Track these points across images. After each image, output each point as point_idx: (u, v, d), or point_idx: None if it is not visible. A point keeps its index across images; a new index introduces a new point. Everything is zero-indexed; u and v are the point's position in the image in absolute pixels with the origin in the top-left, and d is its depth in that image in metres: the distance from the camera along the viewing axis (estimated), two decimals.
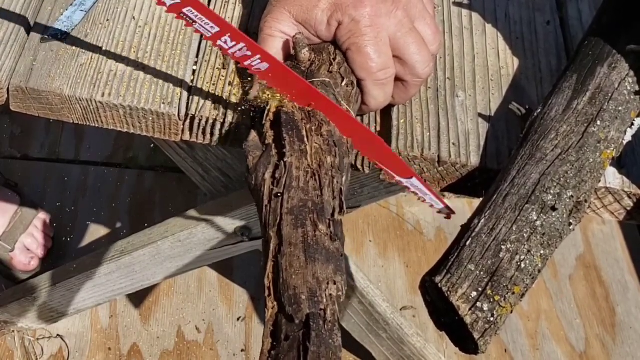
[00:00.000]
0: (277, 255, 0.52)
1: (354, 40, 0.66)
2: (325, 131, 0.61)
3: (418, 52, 0.67)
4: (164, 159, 1.59)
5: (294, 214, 0.54)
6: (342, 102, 0.64)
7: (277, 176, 0.57)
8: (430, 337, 1.41)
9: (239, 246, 1.09)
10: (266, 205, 0.56)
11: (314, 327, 0.48)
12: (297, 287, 0.50)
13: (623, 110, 0.66)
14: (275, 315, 0.50)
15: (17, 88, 0.72)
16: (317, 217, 0.54)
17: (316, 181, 0.57)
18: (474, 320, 0.57)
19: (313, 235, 0.53)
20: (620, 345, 1.48)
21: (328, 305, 0.50)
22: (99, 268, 1.18)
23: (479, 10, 0.82)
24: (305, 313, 0.49)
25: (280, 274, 0.51)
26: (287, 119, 0.61)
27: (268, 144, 0.59)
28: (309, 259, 0.52)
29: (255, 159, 0.59)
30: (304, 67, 0.66)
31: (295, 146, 0.58)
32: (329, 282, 0.51)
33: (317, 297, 0.50)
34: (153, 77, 0.73)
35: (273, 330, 0.50)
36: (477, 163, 0.70)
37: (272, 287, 0.52)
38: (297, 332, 0.48)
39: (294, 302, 0.50)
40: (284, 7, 0.68)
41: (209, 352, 1.40)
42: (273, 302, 0.51)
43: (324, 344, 0.48)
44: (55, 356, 1.37)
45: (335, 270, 0.52)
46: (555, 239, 0.60)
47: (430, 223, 1.61)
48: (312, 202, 0.55)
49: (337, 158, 0.59)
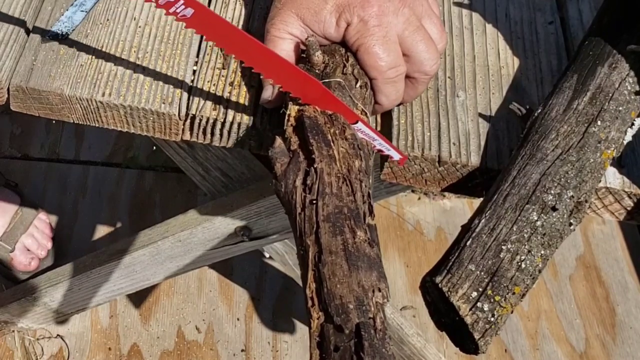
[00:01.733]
0: (318, 264, 0.51)
1: (363, 41, 0.66)
2: (349, 134, 0.60)
3: (426, 50, 0.67)
4: (164, 159, 1.59)
5: (330, 221, 0.53)
6: (358, 103, 0.64)
7: (309, 183, 0.55)
8: (431, 337, 1.41)
9: (239, 246, 1.09)
10: (299, 213, 0.54)
11: (366, 336, 0.47)
12: (344, 296, 0.49)
13: (623, 110, 0.66)
14: (321, 326, 0.49)
15: (18, 88, 0.72)
16: (354, 223, 0.53)
17: (348, 186, 0.56)
18: (475, 321, 0.57)
19: (353, 242, 0.52)
20: (621, 345, 1.48)
21: (376, 313, 0.49)
22: (99, 268, 1.18)
23: (479, 10, 0.82)
24: (355, 322, 0.48)
25: (324, 283, 0.50)
26: (310, 124, 0.59)
27: (294, 149, 0.58)
28: (352, 267, 0.51)
29: (284, 166, 0.57)
30: (317, 69, 0.65)
31: (324, 151, 0.57)
32: (375, 289, 0.50)
33: (365, 305, 0.49)
34: (153, 77, 0.73)
35: (319, 341, 0.48)
36: (477, 163, 0.70)
37: (315, 297, 0.50)
38: (348, 342, 0.47)
39: (342, 311, 0.49)
40: (291, 10, 0.68)
41: (209, 352, 1.40)
42: (318, 313, 0.50)
43: (378, 353, 0.47)
44: (55, 356, 1.37)
45: (378, 277, 0.51)
46: (555, 239, 0.60)
47: (430, 223, 1.61)
48: (347, 208, 0.54)
49: (363, 161, 0.59)
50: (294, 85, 0.63)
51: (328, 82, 0.64)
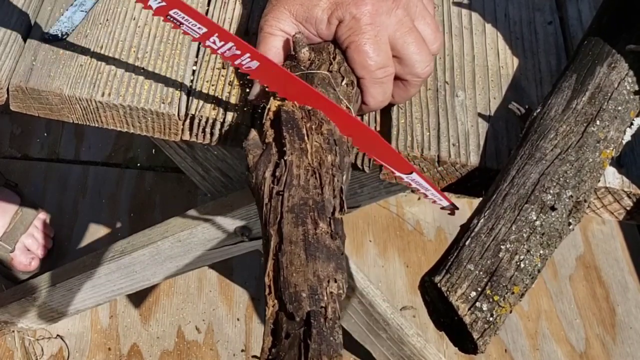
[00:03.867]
0: (278, 254, 0.52)
1: (354, 38, 0.66)
2: (326, 130, 0.61)
3: (418, 52, 0.67)
4: (164, 159, 1.59)
5: (294, 212, 0.54)
6: (342, 99, 0.64)
7: (278, 174, 0.56)
8: (430, 337, 1.41)
9: (239, 246, 1.09)
10: (266, 204, 0.56)
11: (315, 324, 0.49)
12: (298, 285, 0.50)
13: (622, 109, 0.66)
14: (275, 314, 0.50)
15: (17, 88, 0.72)
16: (318, 215, 0.54)
17: (317, 179, 0.57)
18: (473, 320, 0.57)
19: (314, 233, 0.53)
20: (621, 345, 1.48)
21: (329, 303, 0.50)
22: (99, 268, 1.18)
23: (478, 10, 0.82)
24: (306, 311, 0.49)
25: (281, 272, 0.51)
26: (287, 118, 0.61)
27: (268, 142, 0.59)
28: (309, 257, 0.52)
29: (256, 158, 0.59)
30: (303, 66, 0.66)
31: (296, 144, 0.58)
32: (330, 280, 0.51)
33: (318, 294, 0.50)
34: (153, 77, 0.73)
35: (273, 329, 0.50)
36: (476, 163, 0.70)
37: (272, 285, 0.52)
38: (298, 330, 0.49)
39: (295, 299, 0.50)
40: (284, 6, 0.68)
41: (209, 352, 1.40)
42: (274, 300, 0.51)
43: (325, 341, 0.48)
44: (55, 356, 1.37)
45: (336, 268, 0.52)
46: (554, 238, 0.60)
47: (430, 223, 1.61)
48: (312, 200, 0.55)
49: (338, 157, 0.60)
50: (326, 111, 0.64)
51: (312, 76, 0.64)
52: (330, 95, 0.63)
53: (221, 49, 0.63)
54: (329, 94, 0.63)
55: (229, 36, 0.62)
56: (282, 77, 0.63)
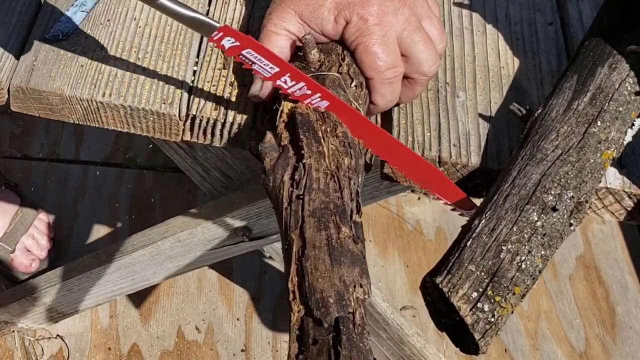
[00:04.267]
0: (301, 258, 0.52)
1: (362, 39, 0.66)
2: (341, 132, 0.60)
3: (425, 50, 0.67)
4: (164, 159, 1.59)
5: (316, 216, 0.54)
6: (352, 101, 0.64)
7: (297, 178, 0.56)
8: (430, 337, 1.41)
9: (239, 246, 1.09)
10: (286, 208, 0.55)
11: (344, 330, 0.48)
12: (324, 291, 0.50)
13: (623, 110, 0.66)
14: (301, 319, 0.49)
15: (18, 88, 0.72)
16: (340, 219, 0.54)
17: (335, 182, 0.56)
18: (475, 321, 0.57)
19: (337, 237, 0.53)
20: (620, 345, 1.48)
21: (356, 308, 0.49)
22: (98, 268, 1.18)
23: (479, 10, 0.82)
24: (334, 317, 0.48)
25: (306, 277, 0.50)
26: (302, 120, 0.60)
27: (284, 145, 0.59)
28: (334, 262, 0.51)
29: (273, 161, 0.58)
30: (313, 67, 0.65)
31: (313, 147, 0.58)
32: (356, 285, 0.51)
33: (345, 300, 0.50)
34: (153, 77, 0.73)
35: (299, 335, 0.49)
36: (477, 163, 0.70)
37: (297, 291, 0.51)
38: (326, 336, 0.48)
39: (322, 305, 0.49)
40: (289, 6, 0.67)
41: (209, 352, 1.40)
42: (299, 306, 0.50)
43: (356, 347, 0.47)
44: (55, 356, 1.37)
45: (360, 272, 0.52)
46: (555, 239, 0.60)
47: (430, 223, 1.61)
48: (333, 204, 0.55)
49: (353, 159, 0.59)
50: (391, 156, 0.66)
51: (323, 78, 0.64)
52: (341, 97, 0.63)
53: (292, 88, 0.62)
54: (339, 95, 0.63)
55: (300, 76, 0.62)
56: (351, 115, 0.63)
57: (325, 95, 0.62)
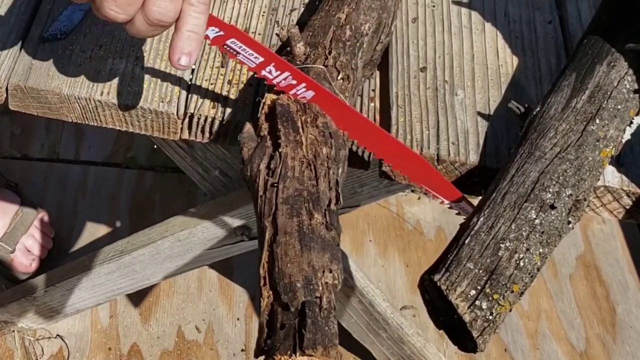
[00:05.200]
0: (273, 245, 0.52)
1: None
2: (321, 123, 0.61)
3: None
4: (164, 159, 1.59)
5: (289, 203, 0.54)
6: (339, 94, 0.64)
7: (272, 167, 0.57)
8: (430, 336, 1.41)
9: (239, 245, 1.09)
10: (261, 196, 0.55)
11: (310, 314, 0.48)
12: (293, 275, 0.50)
13: (622, 108, 0.66)
14: (270, 305, 0.50)
15: (16, 87, 0.72)
16: (313, 206, 0.54)
17: (311, 171, 0.57)
18: (473, 319, 0.57)
19: (308, 224, 0.53)
20: (621, 345, 1.48)
21: (324, 293, 0.50)
22: (99, 268, 1.18)
23: (478, 9, 0.82)
24: (301, 301, 0.49)
25: (276, 262, 0.51)
26: (282, 111, 0.61)
27: (263, 135, 0.59)
28: (304, 247, 0.52)
29: (250, 150, 0.59)
30: (299, 60, 0.66)
31: (290, 137, 0.58)
32: (325, 270, 0.51)
33: (313, 285, 0.50)
34: (152, 75, 0.73)
35: (269, 320, 0.50)
36: (476, 161, 0.70)
37: (267, 276, 0.52)
38: (293, 320, 0.48)
39: (289, 290, 0.50)
40: None
41: (209, 352, 1.40)
42: (268, 291, 0.51)
43: (320, 330, 0.48)
44: (55, 356, 1.37)
45: (331, 258, 0.52)
46: (554, 237, 0.60)
47: (430, 223, 1.61)
48: (307, 192, 0.55)
49: (333, 149, 0.59)
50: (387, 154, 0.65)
51: (308, 70, 0.64)
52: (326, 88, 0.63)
53: (277, 78, 0.62)
54: (323, 86, 0.63)
55: (285, 65, 0.62)
56: (338, 105, 0.63)
57: (311, 85, 0.62)
